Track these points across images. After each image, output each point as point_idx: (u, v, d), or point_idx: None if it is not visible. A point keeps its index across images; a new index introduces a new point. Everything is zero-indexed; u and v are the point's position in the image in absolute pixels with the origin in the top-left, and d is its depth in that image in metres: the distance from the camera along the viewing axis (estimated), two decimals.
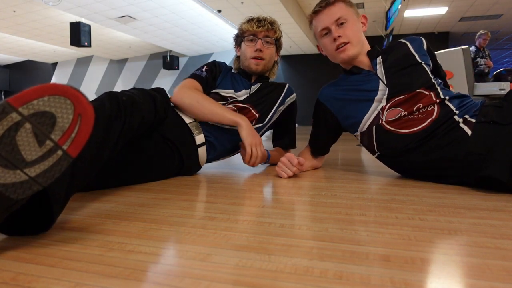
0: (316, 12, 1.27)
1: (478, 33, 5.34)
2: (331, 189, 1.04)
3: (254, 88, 1.49)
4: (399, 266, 0.48)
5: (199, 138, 1.29)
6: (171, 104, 1.32)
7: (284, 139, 1.60)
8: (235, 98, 1.44)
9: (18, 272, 0.46)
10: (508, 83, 3.22)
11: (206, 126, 1.32)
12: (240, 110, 1.41)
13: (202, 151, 1.30)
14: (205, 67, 1.47)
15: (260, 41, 1.43)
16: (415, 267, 0.48)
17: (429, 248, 0.56)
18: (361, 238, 0.60)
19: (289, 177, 1.22)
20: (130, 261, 0.50)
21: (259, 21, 1.43)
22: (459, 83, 2.64)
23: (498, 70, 3.67)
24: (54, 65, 14.86)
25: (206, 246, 0.56)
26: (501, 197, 0.94)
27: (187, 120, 1.29)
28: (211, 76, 1.46)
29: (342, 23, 1.23)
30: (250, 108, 1.43)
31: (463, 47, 2.63)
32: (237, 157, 1.91)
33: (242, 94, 1.46)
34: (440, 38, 9.45)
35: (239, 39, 1.51)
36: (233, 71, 1.55)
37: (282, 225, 0.68)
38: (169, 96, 1.32)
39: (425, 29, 9.57)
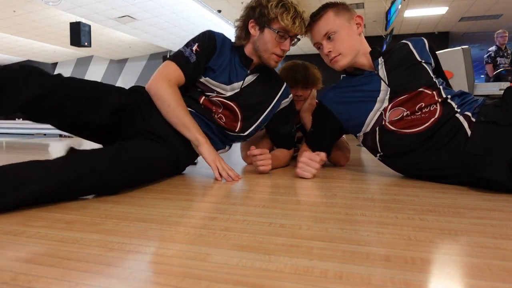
0: (306, 30, 1.29)
1: (496, 33, 5.38)
2: (331, 189, 1.04)
3: (249, 80, 1.37)
4: (399, 266, 0.48)
5: None
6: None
7: (283, 142, 1.55)
8: (223, 93, 1.32)
9: (18, 272, 0.46)
10: (508, 83, 3.22)
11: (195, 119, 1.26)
12: (224, 107, 1.32)
13: None
14: (196, 47, 1.27)
15: (289, 40, 1.28)
16: (415, 267, 0.48)
17: (429, 248, 0.56)
18: (361, 238, 0.60)
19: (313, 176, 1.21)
20: (130, 261, 0.50)
21: (300, 20, 1.24)
22: (459, 83, 2.64)
23: (498, 70, 3.67)
24: (54, 65, 14.86)
25: (206, 246, 0.56)
26: (501, 197, 0.94)
27: None
28: (204, 58, 1.29)
29: (330, 36, 1.24)
30: (235, 107, 1.33)
31: (463, 47, 2.63)
32: (238, 157, 1.91)
33: (233, 88, 1.33)
34: (440, 38, 9.46)
35: (263, 20, 1.25)
36: (233, 43, 1.37)
37: (282, 225, 0.68)
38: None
39: (425, 29, 9.58)
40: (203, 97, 1.31)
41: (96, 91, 1.12)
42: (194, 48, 1.27)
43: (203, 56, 1.28)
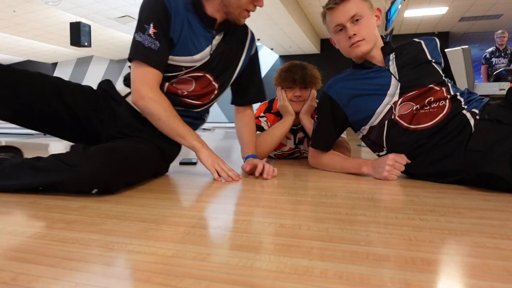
0: (330, 8, 1.24)
1: (495, 33, 5.53)
2: (331, 189, 1.04)
3: (217, 41, 1.24)
4: (399, 266, 0.48)
5: None
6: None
7: (250, 94, 1.42)
8: (193, 65, 1.21)
9: (18, 272, 0.46)
10: (508, 83, 3.23)
11: None
12: (196, 80, 1.23)
13: None
14: (152, 28, 1.11)
15: None
16: (415, 267, 0.48)
17: (429, 248, 0.56)
18: (361, 238, 0.60)
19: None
20: (130, 261, 0.50)
21: None
22: (459, 83, 2.64)
23: (499, 70, 3.67)
24: (54, 65, 14.86)
25: (206, 246, 0.56)
26: (501, 197, 0.94)
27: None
28: (165, 36, 1.14)
29: (357, 20, 1.21)
30: (209, 77, 1.25)
31: (463, 47, 2.63)
32: (238, 157, 1.91)
33: (201, 58, 1.21)
34: (440, 38, 9.37)
35: None
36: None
37: (282, 225, 0.68)
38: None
39: (425, 29, 9.58)
40: (167, 84, 1.22)
41: (50, 85, 1.12)
42: (151, 31, 1.11)
43: (163, 35, 1.13)
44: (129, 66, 1.23)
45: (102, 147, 0.98)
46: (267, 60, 11.74)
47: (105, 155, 0.93)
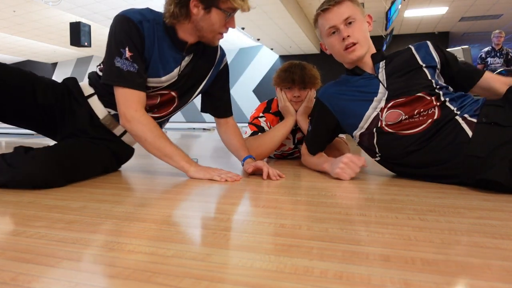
0: (324, 10, 1.23)
1: (492, 33, 5.57)
2: (331, 189, 1.04)
3: (186, 62, 1.26)
4: (399, 266, 0.48)
5: (118, 130, 1.28)
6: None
7: (220, 108, 1.44)
8: (160, 86, 1.24)
9: (18, 272, 0.46)
10: None
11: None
12: (161, 96, 1.28)
13: (127, 138, 1.31)
14: (128, 52, 1.13)
15: (234, 17, 1.19)
16: (415, 267, 0.48)
17: (429, 248, 0.56)
18: (361, 238, 0.60)
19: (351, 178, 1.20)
20: (130, 261, 0.50)
21: None
22: None
23: (498, 70, 3.67)
24: (54, 65, 14.87)
25: (206, 246, 0.56)
26: (501, 197, 0.94)
27: (101, 115, 1.25)
28: (141, 57, 1.16)
29: (350, 23, 1.21)
30: (173, 94, 1.29)
31: (463, 47, 2.64)
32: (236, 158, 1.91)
33: (169, 79, 1.24)
34: (440, 38, 9.46)
35: (209, 1, 1.12)
36: (157, 21, 1.18)
37: (282, 225, 0.68)
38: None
39: (425, 29, 9.58)
40: None
41: (26, 79, 1.16)
42: (127, 55, 1.13)
43: (139, 57, 1.16)
44: (98, 66, 1.27)
45: (44, 150, 1.04)
46: (267, 60, 11.74)
47: (44, 158, 1.01)
